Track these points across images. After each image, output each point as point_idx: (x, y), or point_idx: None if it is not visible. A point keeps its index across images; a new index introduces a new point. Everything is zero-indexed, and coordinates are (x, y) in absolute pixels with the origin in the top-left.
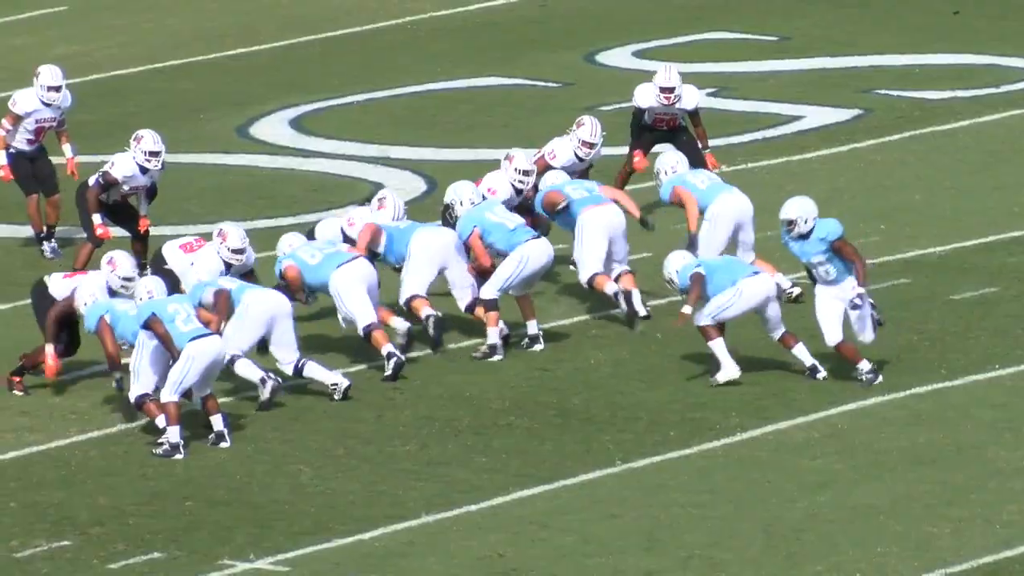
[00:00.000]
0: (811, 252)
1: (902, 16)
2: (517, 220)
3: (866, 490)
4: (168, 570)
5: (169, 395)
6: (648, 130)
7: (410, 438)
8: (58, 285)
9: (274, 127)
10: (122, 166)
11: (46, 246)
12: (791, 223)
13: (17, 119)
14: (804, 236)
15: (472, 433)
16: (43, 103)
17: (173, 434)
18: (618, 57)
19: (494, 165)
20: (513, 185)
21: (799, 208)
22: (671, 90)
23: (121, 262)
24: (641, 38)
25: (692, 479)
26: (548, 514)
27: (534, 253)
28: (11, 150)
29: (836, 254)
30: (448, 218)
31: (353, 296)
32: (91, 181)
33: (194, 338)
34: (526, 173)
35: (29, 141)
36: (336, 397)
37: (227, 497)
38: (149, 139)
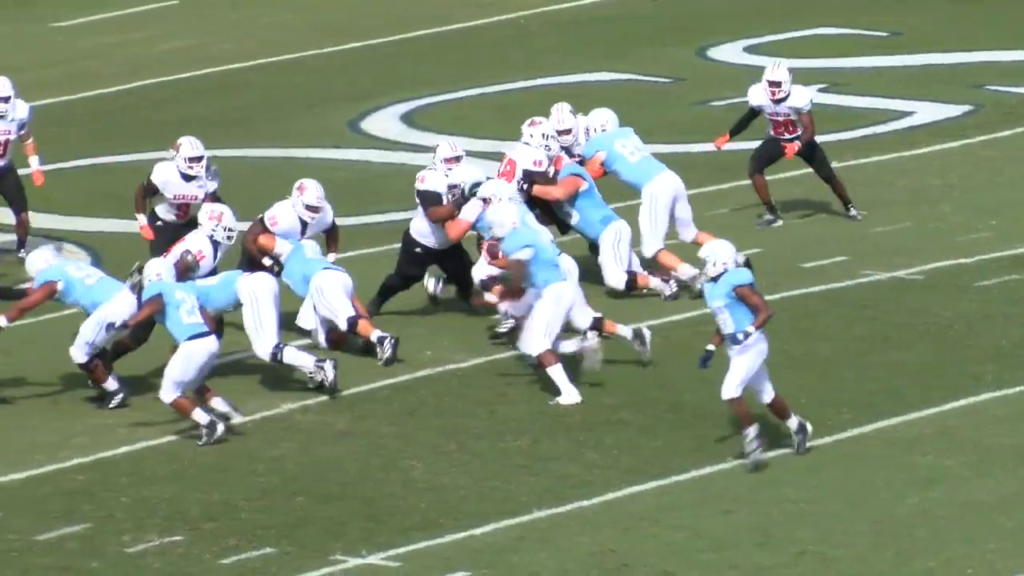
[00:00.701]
0: (715, 296)
1: (1013, 12)
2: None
3: (976, 487)
4: (280, 565)
5: (170, 394)
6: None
7: (521, 433)
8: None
9: (385, 122)
10: (160, 172)
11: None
12: (702, 263)
13: None
14: (714, 279)
15: (583, 429)
16: None
17: (200, 417)
18: (729, 52)
19: None
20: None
21: (710, 250)
22: (777, 84)
23: (228, 215)
24: (752, 33)
25: (803, 475)
26: (659, 510)
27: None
28: None
29: (740, 301)
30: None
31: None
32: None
33: (192, 336)
34: (312, 208)
35: None
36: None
37: (339, 492)
38: (188, 145)
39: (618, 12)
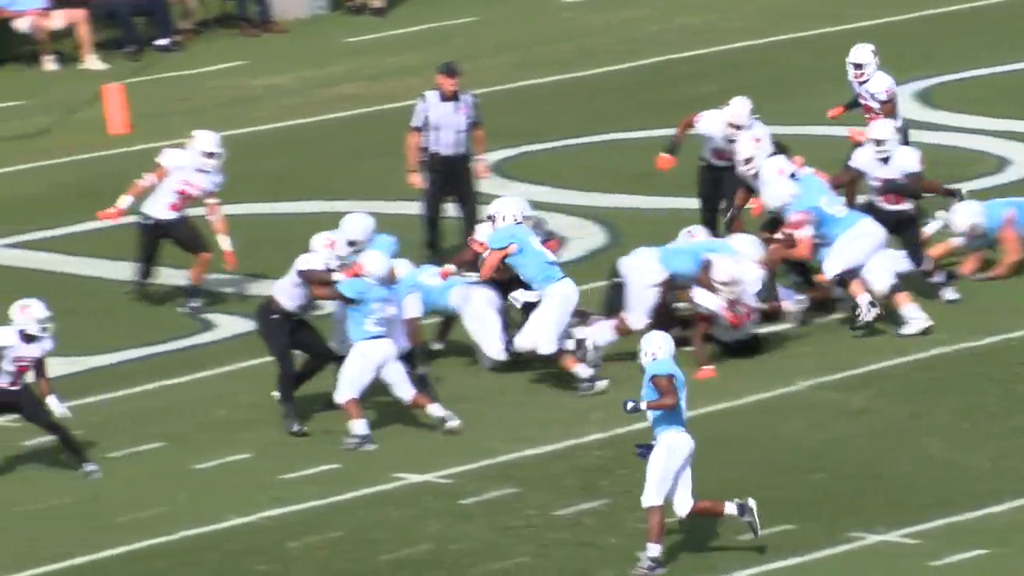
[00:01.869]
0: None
1: None
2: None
3: None
4: (799, 541)
5: (346, 395)
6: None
7: None
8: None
9: (901, 100)
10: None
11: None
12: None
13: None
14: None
15: None
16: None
17: (359, 427)
18: None
19: None
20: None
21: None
22: (859, 66)
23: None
24: None
25: None
26: None
27: (570, 293)
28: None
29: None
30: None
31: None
32: None
33: (367, 338)
34: None
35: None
36: None
37: (855, 471)
38: (204, 139)
39: None
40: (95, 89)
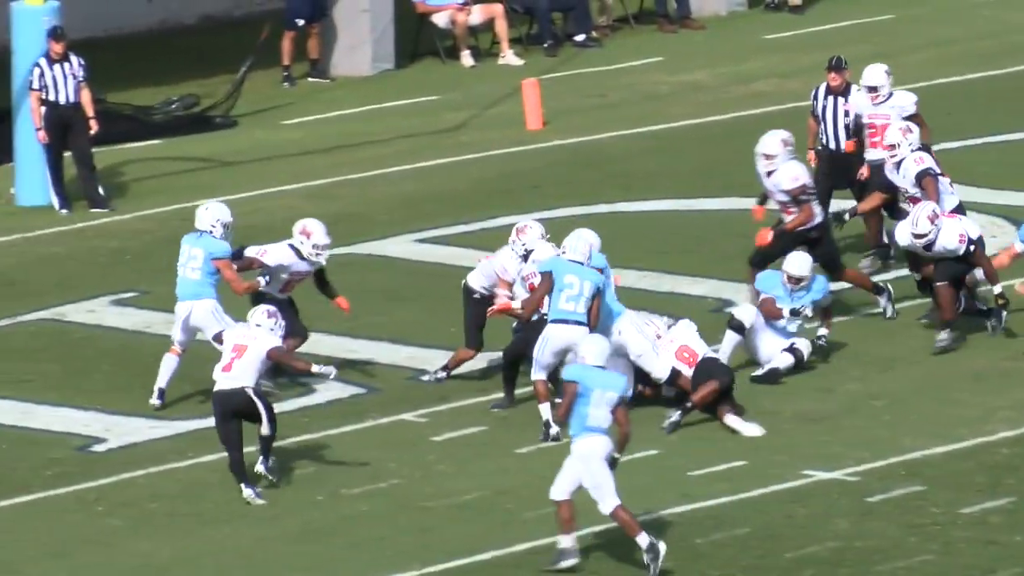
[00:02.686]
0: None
1: None
2: None
3: None
4: None
5: (536, 374)
6: None
7: None
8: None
9: None
10: None
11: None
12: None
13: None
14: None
15: None
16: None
17: (544, 411)
18: None
19: None
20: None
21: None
22: (874, 89)
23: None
24: None
25: None
26: None
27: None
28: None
29: None
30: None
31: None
32: None
33: (554, 321)
34: None
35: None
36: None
37: None
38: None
39: None
40: (511, 84)
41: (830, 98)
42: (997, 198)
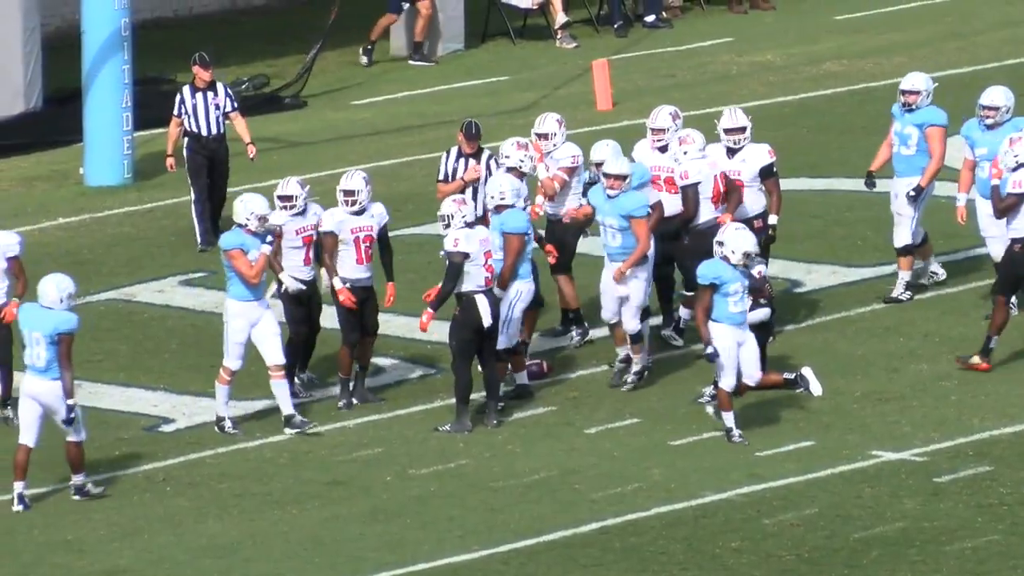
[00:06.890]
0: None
1: None
2: None
3: None
4: None
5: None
6: None
7: None
8: None
9: None
10: None
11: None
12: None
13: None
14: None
15: None
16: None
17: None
18: None
19: None
20: None
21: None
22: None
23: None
24: None
25: None
26: None
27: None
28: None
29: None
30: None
31: None
32: None
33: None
34: None
35: None
36: None
37: None
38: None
39: None
40: (581, 66)
41: None
42: None
